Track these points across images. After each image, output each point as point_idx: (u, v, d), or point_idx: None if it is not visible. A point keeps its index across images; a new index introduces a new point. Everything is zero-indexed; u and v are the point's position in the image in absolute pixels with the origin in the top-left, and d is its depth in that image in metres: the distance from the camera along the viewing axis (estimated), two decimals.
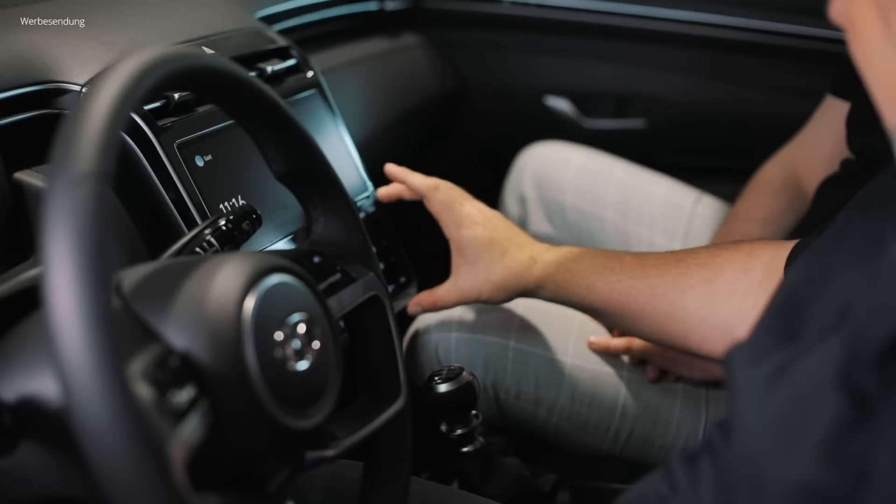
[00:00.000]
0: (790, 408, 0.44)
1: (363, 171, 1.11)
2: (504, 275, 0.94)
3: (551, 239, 1.41)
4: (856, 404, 0.41)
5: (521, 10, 1.64)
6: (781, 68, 1.54)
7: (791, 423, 0.43)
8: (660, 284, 0.87)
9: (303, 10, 1.33)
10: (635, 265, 0.90)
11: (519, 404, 1.07)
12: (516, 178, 1.47)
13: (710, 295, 0.84)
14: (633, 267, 0.90)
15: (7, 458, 0.53)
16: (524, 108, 1.71)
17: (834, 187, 1.08)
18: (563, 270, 0.92)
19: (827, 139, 1.17)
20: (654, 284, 0.87)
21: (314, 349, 0.58)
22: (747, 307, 0.81)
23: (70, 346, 0.44)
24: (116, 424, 0.44)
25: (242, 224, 0.73)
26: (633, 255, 0.91)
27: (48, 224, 0.46)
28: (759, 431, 0.45)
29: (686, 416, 1.05)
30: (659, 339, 0.91)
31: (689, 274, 0.86)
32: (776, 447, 0.43)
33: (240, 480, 0.58)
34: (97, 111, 0.49)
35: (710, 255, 0.87)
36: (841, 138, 1.10)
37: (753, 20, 1.52)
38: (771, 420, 0.45)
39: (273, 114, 0.66)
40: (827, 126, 1.18)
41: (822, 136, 1.19)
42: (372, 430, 0.67)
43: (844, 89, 1.14)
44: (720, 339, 0.84)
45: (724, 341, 0.81)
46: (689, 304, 0.85)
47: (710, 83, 1.60)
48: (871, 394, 0.40)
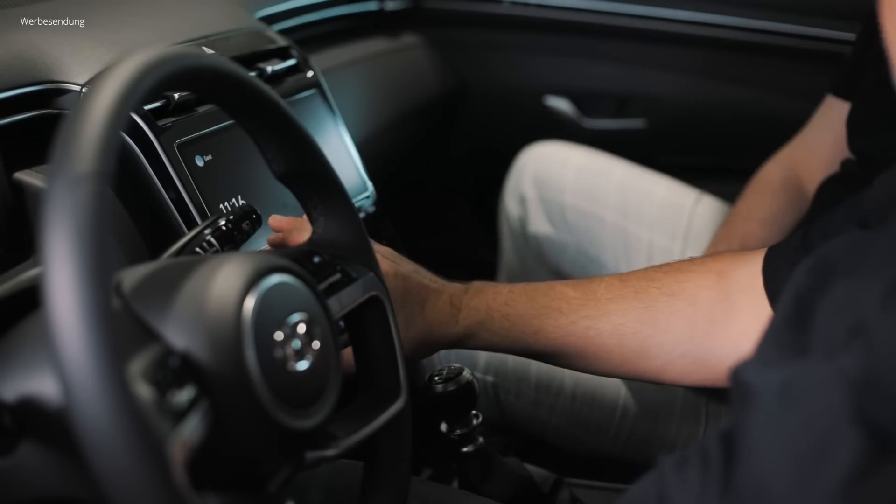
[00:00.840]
0: (805, 435, 0.42)
1: (363, 171, 1.11)
2: (425, 329, 0.81)
3: (551, 239, 1.41)
4: (875, 442, 0.39)
5: (521, 10, 1.65)
6: (781, 68, 1.54)
7: (807, 455, 0.42)
8: (625, 322, 0.78)
9: (303, 10, 1.33)
10: (587, 302, 0.79)
11: (519, 404, 1.07)
12: (516, 178, 1.47)
13: (690, 327, 0.76)
14: (583, 304, 0.79)
15: (7, 458, 0.53)
16: (524, 108, 1.71)
17: (834, 187, 1.08)
18: (499, 317, 0.80)
19: (827, 139, 1.17)
20: (619, 323, 0.78)
21: (314, 349, 0.58)
22: (734, 333, 0.75)
23: (70, 346, 0.44)
24: (116, 424, 0.44)
25: (242, 224, 0.73)
26: (575, 287, 0.80)
27: (48, 224, 0.46)
28: (773, 459, 0.44)
29: (686, 416, 1.05)
30: (628, 376, 0.83)
31: (657, 307, 0.77)
32: (793, 480, 0.42)
33: (240, 480, 0.58)
34: (97, 111, 0.49)
35: (674, 281, 0.78)
36: (841, 138, 1.10)
37: (753, 20, 1.52)
38: (785, 448, 0.43)
39: (273, 114, 0.66)
40: (827, 126, 1.18)
41: (822, 136, 1.19)
42: (372, 430, 0.67)
43: (845, 89, 1.14)
44: (706, 370, 0.77)
45: (712, 371, 0.77)
46: (666, 339, 0.77)
47: (710, 83, 1.60)
48: (891, 431, 0.39)
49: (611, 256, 1.35)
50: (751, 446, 0.45)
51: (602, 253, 1.36)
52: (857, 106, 1.06)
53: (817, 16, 1.47)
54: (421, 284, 0.81)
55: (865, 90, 1.05)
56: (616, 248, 1.34)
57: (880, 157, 0.98)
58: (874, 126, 1.01)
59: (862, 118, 1.04)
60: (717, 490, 0.46)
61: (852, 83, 1.11)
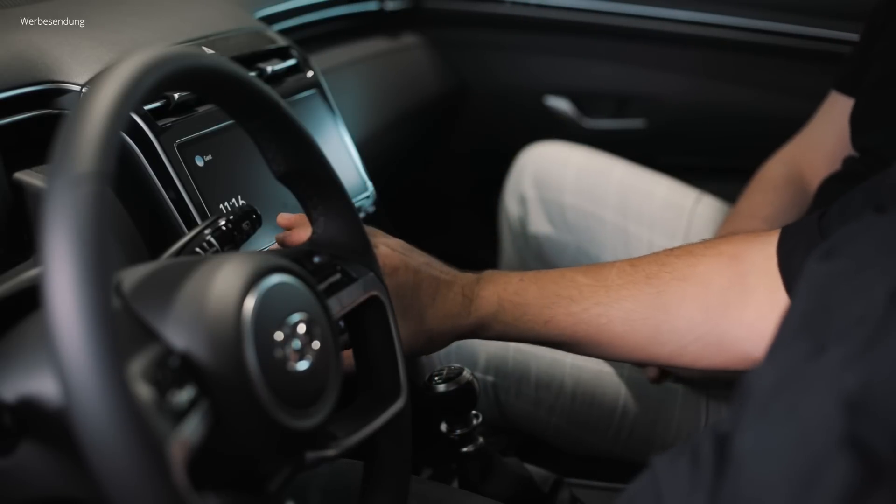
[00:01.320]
0: (798, 452, 0.42)
1: (363, 171, 1.11)
2: (437, 321, 0.80)
3: (552, 239, 1.41)
4: (866, 467, 0.39)
5: (521, 10, 1.65)
6: (782, 68, 1.54)
7: (799, 475, 0.41)
8: (637, 308, 0.77)
9: (303, 10, 1.33)
10: (598, 289, 0.78)
11: (519, 404, 1.07)
12: (516, 178, 1.47)
13: (704, 311, 0.76)
14: (594, 292, 0.78)
15: (7, 458, 0.53)
16: (524, 108, 1.71)
17: (837, 185, 1.08)
18: (510, 307, 0.80)
19: (830, 136, 1.17)
20: (630, 309, 0.77)
21: (314, 349, 0.58)
22: (750, 317, 0.74)
23: (70, 346, 0.44)
24: (116, 424, 0.44)
25: (242, 224, 0.73)
26: (586, 274, 0.80)
27: (48, 224, 0.46)
28: (764, 474, 0.43)
29: (686, 416, 1.05)
30: (642, 361, 0.82)
31: (669, 292, 0.77)
32: (785, 499, 0.42)
33: (240, 480, 0.58)
34: (97, 111, 0.49)
35: (686, 265, 0.77)
36: (845, 135, 1.10)
37: (754, 20, 1.52)
38: (778, 464, 0.42)
39: (273, 114, 0.66)
40: (831, 123, 1.18)
41: (825, 132, 1.19)
42: (372, 430, 0.67)
43: (849, 85, 1.14)
44: (721, 354, 0.77)
45: (727, 354, 0.76)
46: (680, 324, 0.76)
47: (710, 83, 1.60)
48: (883, 457, 0.39)
49: (611, 256, 1.35)
50: (743, 455, 0.45)
51: (602, 253, 1.36)
52: (861, 103, 1.06)
53: (818, 16, 1.47)
54: (432, 277, 0.80)
55: (868, 87, 1.05)
56: (616, 248, 1.34)
57: (884, 154, 0.98)
58: (878, 123, 1.01)
59: (865, 115, 1.04)
60: (707, 491, 0.45)
61: (856, 79, 1.11)
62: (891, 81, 1.00)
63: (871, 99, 1.03)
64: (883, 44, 1.05)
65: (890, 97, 1.00)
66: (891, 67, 1.01)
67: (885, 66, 1.02)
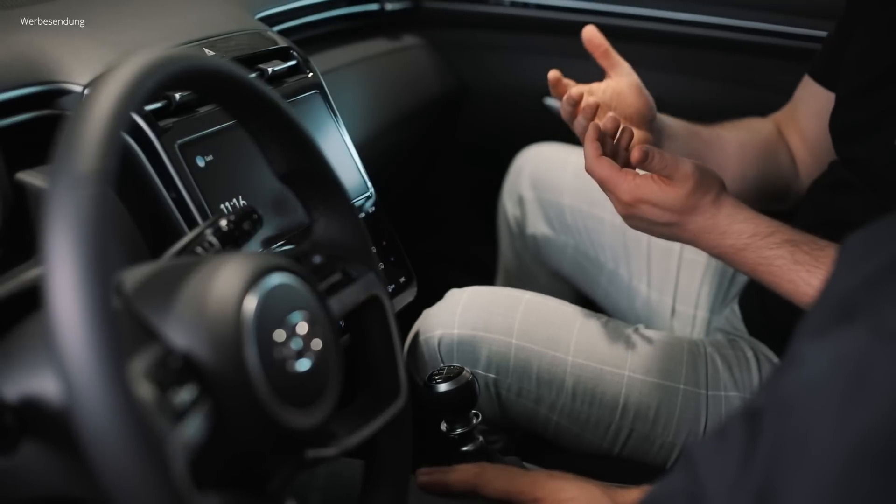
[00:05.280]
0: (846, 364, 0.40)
1: (363, 171, 1.11)
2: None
3: (550, 240, 1.42)
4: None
5: (521, 11, 1.65)
6: (782, 69, 1.54)
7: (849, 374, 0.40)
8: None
9: (303, 11, 1.33)
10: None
11: (520, 402, 1.07)
12: (514, 179, 1.47)
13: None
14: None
15: (9, 457, 0.53)
16: (524, 109, 1.71)
17: (828, 194, 1.07)
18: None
19: (803, 113, 1.20)
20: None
21: (315, 349, 0.58)
22: None
23: (71, 345, 0.44)
24: (118, 424, 0.44)
25: (243, 224, 0.73)
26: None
27: (50, 224, 0.46)
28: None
29: (686, 416, 1.05)
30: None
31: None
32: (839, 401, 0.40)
33: (241, 479, 0.58)
34: (98, 112, 0.50)
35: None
36: (817, 116, 1.12)
37: (754, 21, 1.52)
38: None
39: (274, 114, 0.66)
40: (803, 102, 1.20)
41: (800, 111, 1.22)
42: (372, 429, 0.67)
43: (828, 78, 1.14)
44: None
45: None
46: None
47: (709, 84, 1.60)
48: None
49: (609, 257, 1.35)
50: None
51: (601, 253, 1.36)
52: (840, 112, 1.05)
53: (817, 16, 1.47)
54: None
55: (846, 97, 1.04)
56: (615, 248, 1.34)
57: (874, 163, 0.98)
58: (859, 133, 1.01)
59: (846, 125, 1.03)
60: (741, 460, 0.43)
61: (830, 70, 1.12)
62: (870, 89, 1.00)
63: (851, 108, 1.02)
64: (858, 47, 1.04)
65: (870, 106, 0.99)
66: (869, 75, 1.00)
67: (862, 72, 1.01)
